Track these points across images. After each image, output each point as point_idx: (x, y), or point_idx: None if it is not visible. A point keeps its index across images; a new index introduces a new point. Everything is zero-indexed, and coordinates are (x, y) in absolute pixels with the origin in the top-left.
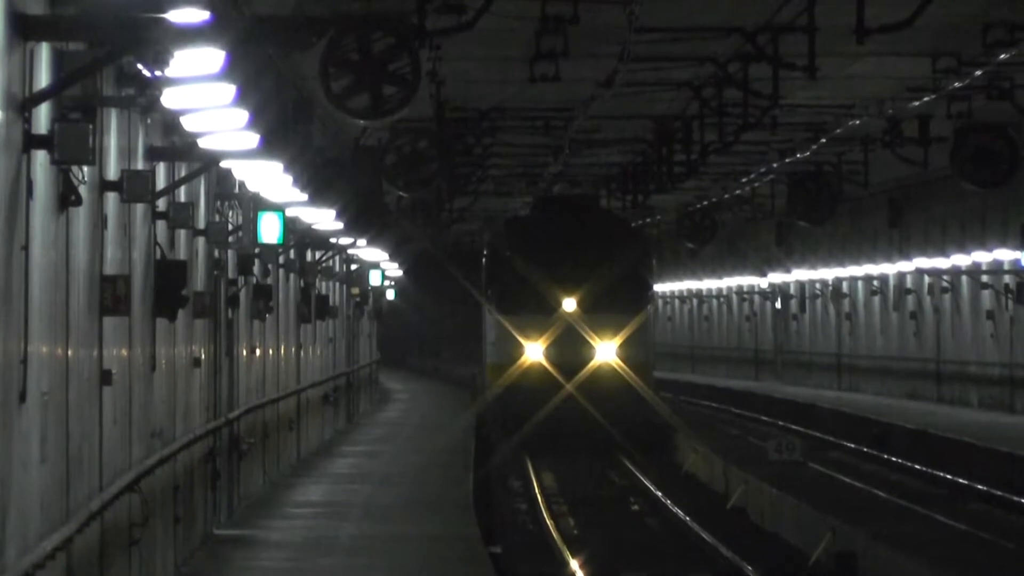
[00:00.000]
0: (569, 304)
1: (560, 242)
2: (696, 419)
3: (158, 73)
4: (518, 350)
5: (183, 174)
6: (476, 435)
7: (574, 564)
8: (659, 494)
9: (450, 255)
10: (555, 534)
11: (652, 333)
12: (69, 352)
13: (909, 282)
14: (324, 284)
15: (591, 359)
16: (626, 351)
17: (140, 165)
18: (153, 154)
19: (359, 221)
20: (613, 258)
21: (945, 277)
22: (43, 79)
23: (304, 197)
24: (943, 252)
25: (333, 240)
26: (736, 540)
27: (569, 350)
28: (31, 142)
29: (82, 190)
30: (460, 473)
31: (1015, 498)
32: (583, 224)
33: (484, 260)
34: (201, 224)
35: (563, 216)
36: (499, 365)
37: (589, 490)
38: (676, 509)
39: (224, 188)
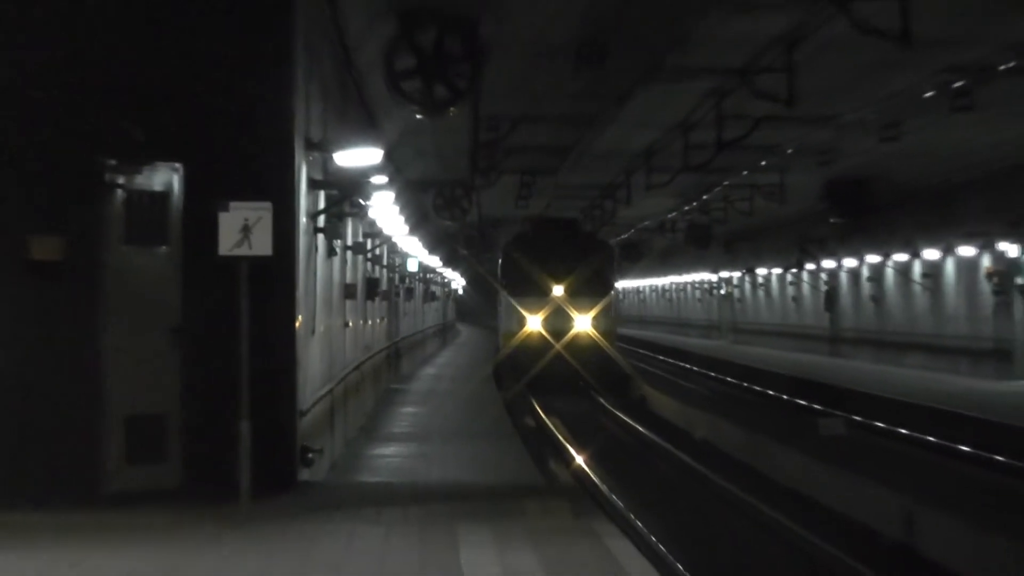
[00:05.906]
0: (558, 290)
1: (552, 248)
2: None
3: (367, 202)
4: (523, 322)
5: (377, 243)
6: (495, 379)
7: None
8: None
9: (484, 273)
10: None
11: (615, 310)
12: (331, 315)
13: (670, 288)
14: (434, 287)
15: (573, 328)
16: (597, 322)
17: (360, 239)
18: (365, 235)
19: (448, 261)
20: (587, 259)
21: (682, 286)
22: (320, 205)
23: (427, 251)
24: (681, 275)
25: (438, 268)
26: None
27: (558, 322)
28: (316, 231)
29: (337, 249)
30: (487, 365)
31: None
32: (567, 237)
33: (500, 260)
34: (384, 263)
35: (553, 231)
36: (509, 332)
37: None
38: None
39: (393, 249)
